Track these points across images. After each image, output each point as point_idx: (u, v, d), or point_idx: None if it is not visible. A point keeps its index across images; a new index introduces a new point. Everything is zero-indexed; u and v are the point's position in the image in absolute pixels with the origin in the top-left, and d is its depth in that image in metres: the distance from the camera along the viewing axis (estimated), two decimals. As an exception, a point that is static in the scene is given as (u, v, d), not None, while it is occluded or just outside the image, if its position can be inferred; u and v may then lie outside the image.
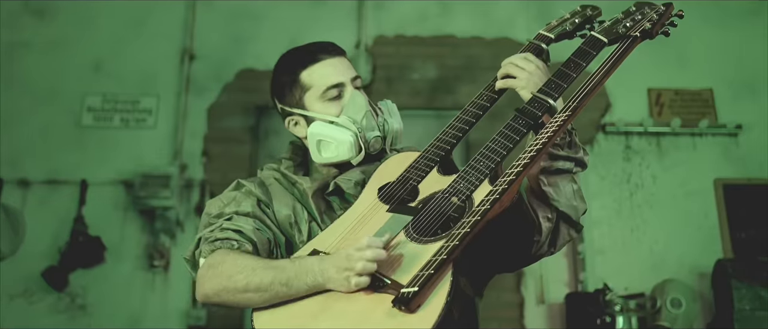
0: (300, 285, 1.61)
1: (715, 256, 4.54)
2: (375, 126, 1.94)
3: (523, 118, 1.75)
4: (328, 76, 1.94)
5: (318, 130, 1.92)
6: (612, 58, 1.77)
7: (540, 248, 1.83)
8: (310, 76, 1.94)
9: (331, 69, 1.94)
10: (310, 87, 1.94)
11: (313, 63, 1.95)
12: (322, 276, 1.59)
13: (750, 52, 5.16)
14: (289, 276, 1.62)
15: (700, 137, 4.99)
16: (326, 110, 1.93)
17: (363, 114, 1.92)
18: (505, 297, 4.61)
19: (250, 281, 1.66)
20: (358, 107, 1.93)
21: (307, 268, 1.62)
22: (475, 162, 1.71)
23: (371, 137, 1.92)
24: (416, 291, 1.46)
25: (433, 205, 1.67)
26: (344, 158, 1.91)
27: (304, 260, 1.66)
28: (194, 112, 5.09)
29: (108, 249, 4.71)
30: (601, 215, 4.83)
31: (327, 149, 1.91)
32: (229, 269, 1.70)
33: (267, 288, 1.64)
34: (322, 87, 1.93)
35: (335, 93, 1.93)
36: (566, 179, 1.82)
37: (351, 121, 1.91)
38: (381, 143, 1.95)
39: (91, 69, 5.17)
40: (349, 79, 1.95)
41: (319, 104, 1.94)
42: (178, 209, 4.79)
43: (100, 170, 4.89)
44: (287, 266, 1.65)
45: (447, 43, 5.26)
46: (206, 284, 1.73)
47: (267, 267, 1.67)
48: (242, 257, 1.73)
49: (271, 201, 1.89)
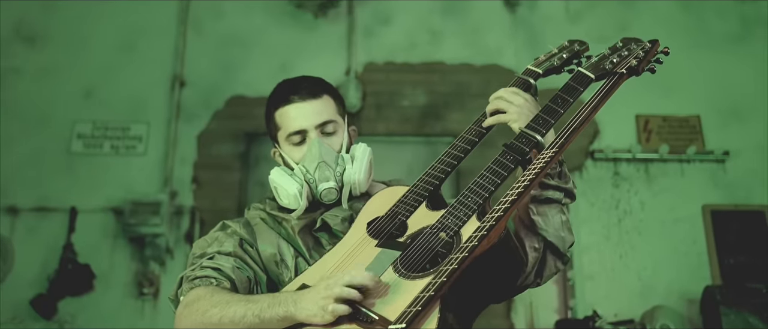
0: (272, 316, 1.61)
1: (704, 282, 4.55)
2: (330, 177, 1.93)
3: (511, 153, 1.77)
4: (292, 120, 1.96)
5: (273, 177, 1.97)
6: (598, 95, 1.79)
7: (526, 278, 1.84)
8: (280, 117, 1.98)
9: (297, 113, 1.96)
10: (280, 128, 1.99)
11: (284, 104, 1.97)
12: (294, 306, 1.59)
13: (737, 79, 5.21)
14: (262, 307, 1.63)
15: (688, 164, 5.03)
16: (291, 153, 1.98)
17: (315, 165, 1.93)
18: (495, 324, 4.61)
19: (224, 315, 1.66)
20: (312, 157, 1.94)
21: (280, 300, 1.62)
22: (464, 198, 1.72)
23: (322, 189, 1.93)
24: (404, 327, 1.46)
25: (421, 240, 1.68)
26: (294, 207, 1.94)
27: (279, 293, 1.67)
28: (184, 139, 5.09)
29: (97, 276, 4.69)
30: (590, 241, 4.84)
31: (283, 195, 1.95)
32: (204, 305, 1.70)
33: (240, 320, 1.64)
34: (287, 131, 1.97)
35: (298, 139, 1.96)
36: (555, 209, 1.84)
37: (303, 171, 1.93)
38: (335, 195, 1.94)
39: (81, 96, 5.18)
40: (313, 125, 1.96)
41: (286, 146, 1.99)
42: (167, 237, 4.78)
43: (90, 197, 4.88)
44: (261, 299, 1.66)
45: (436, 70, 5.29)
46: (183, 321, 1.74)
47: (241, 300, 1.68)
48: (218, 293, 1.74)
49: (256, 241, 1.90)
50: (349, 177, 1.95)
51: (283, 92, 2.00)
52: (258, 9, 5.39)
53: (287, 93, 1.98)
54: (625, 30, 4.76)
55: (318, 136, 1.96)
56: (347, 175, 1.95)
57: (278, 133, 2.00)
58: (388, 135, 5.11)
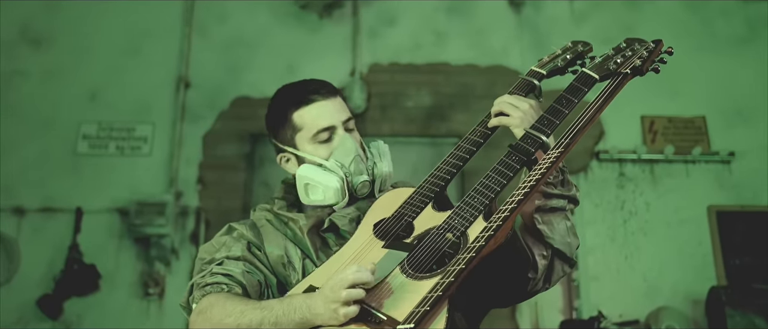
0: (288, 323, 1.62)
1: (709, 283, 4.55)
2: (363, 170, 1.96)
3: (516, 154, 1.77)
4: (319, 118, 1.95)
5: (305, 173, 1.94)
6: (603, 95, 1.79)
7: (536, 284, 1.85)
8: (301, 117, 1.96)
9: (323, 111, 1.96)
10: (301, 128, 1.96)
11: (305, 104, 1.96)
12: (309, 312, 1.60)
13: (742, 80, 5.20)
14: (278, 315, 1.63)
15: (694, 165, 5.02)
16: (316, 151, 1.95)
17: (352, 159, 1.94)
18: (500, 325, 4.61)
19: (240, 323, 1.66)
20: (347, 151, 1.94)
21: (294, 306, 1.63)
22: (470, 198, 1.72)
23: (358, 182, 1.94)
24: (412, 327, 1.47)
25: (428, 241, 1.69)
26: (330, 202, 1.93)
27: (292, 298, 1.67)
28: (189, 139, 5.11)
29: (103, 276, 4.70)
30: (595, 242, 4.84)
31: (314, 192, 1.93)
32: (219, 313, 1.71)
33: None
34: (313, 129, 1.95)
35: (325, 136, 1.95)
36: (560, 217, 1.85)
37: (339, 165, 1.93)
38: (369, 188, 1.96)
39: (86, 97, 5.19)
40: (340, 121, 1.96)
41: (309, 145, 1.96)
42: (173, 237, 4.79)
43: (96, 197, 4.89)
44: (275, 305, 1.66)
45: (441, 71, 5.29)
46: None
47: (256, 308, 1.68)
48: (231, 300, 1.74)
49: (263, 243, 1.91)
50: (380, 171, 1.99)
51: (300, 93, 1.99)
52: (262, 10, 5.40)
53: (306, 94, 1.97)
54: (630, 31, 4.74)
55: (344, 132, 1.97)
56: (379, 169, 1.98)
57: (298, 134, 1.97)
58: (393, 136, 5.11)
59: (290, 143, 1.99)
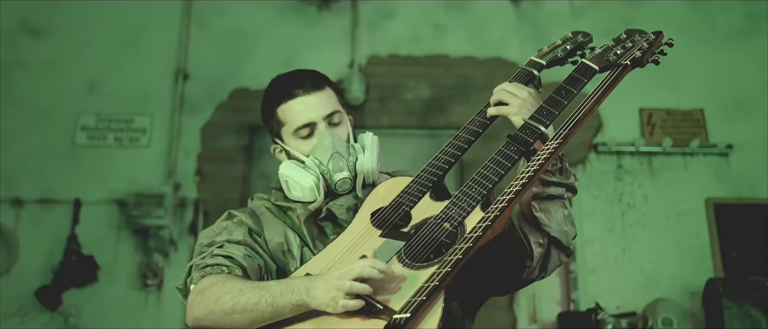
0: (285, 304, 1.62)
1: (707, 275, 4.56)
2: (344, 167, 1.94)
3: (515, 145, 1.77)
4: (299, 114, 1.95)
5: (284, 171, 1.95)
6: (603, 87, 1.79)
7: (531, 272, 1.85)
8: (284, 112, 1.97)
9: (303, 107, 1.96)
10: (284, 123, 1.98)
11: (288, 99, 1.96)
12: (307, 295, 1.60)
13: (741, 73, 5.20)
14: (275, 295, 1.64)
15: (692, 157, 5.03)
16: (299, 147, 1.97)
17: (329, 157, 1.93)
18: (497, 317, 4.62)
19: (237, 302, 1.67)
20: (324, 149, 1.94)
21: (292, 287, 1.63)
22: (467, 189, 1.72)
23: (337, 179, 1.93)
24: (408, 317, 1.47)
25: (425, 231, 1.69)
26: (309, 199, 1.93)
27: (291, 280, 1.68)
28: (188, 131, 5.10)
29: (101, 268, 4.71)
30: (593, 234, 4.85)
31: (294, 189, 1.94)
32: (217, 292, 1.71)
33: (253, 308, 1.65)
34: (294, 126, 1.96)
35: (306, 132, 1.96)
36: (558, 205, 1.85)
37: (317, 163, 1.93)
38: (350, 184, 1.95)
39: (85, 88, 5.19)
40: (321, 117, 1.96)
41: (292, 140, 1.98)
42: (171, 229, 4.79)
43: (94, 189, 4.89)
44: (273, 286, 1.67)
45: (440, 63, 5.29)
46: (195, 309, 1.75)
47: (254, 288, 1.68)
48: (230, 280, 1.74)
49: (263, 230, 1.91)
50: (361, 166, 1.96)
51: (284, 86, 1.99)
52: (262, 2, 5.40)
53: (289, 88, 1.97)
54: (629, 25, 4.75)
55: (326, 127, 1.96)
56: (360, 164, 1.96)
57: (282, 129, 1.99)
58: (392, 128, 5.12)
59: (278, 136, 2.02)
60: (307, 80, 1.98)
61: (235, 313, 1.67)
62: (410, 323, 1.47)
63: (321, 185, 1.91)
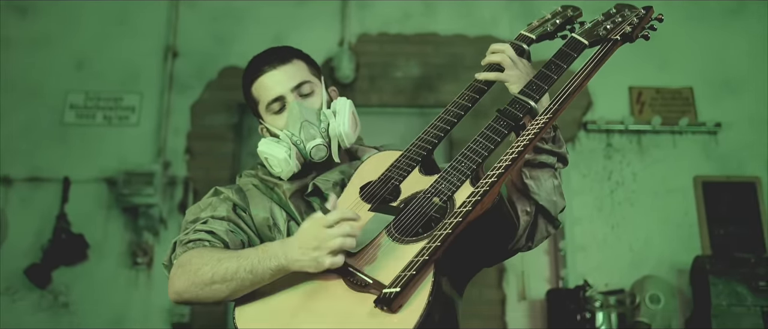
0: (264, 270, 1.63)
1: (694, 253, 4.59)
2: (316, 134, 1.93)
3: (504, 119, 1.78)
4: (268, 90, 1.96)
5: (262, 149, 1.95)
6: (592, 62, 1.79)
7: (517, 242, 1.85)
8: (257, 90, 1.98)
9: (271, 81, 1.96)
10: (258, 101, 1.99)
11: (257, 76, 1.98)
12: (285, 258, 1.61)
13: (730, 52, 5.21)
14: (253, 263, 1.64)
15: (680, 135, 5.04)
16: (274, 122, 1.98)
17: (299, 126, 1.92)
18: (486, 294, 4.65)
19: (216, 272, 1.67)
20: (294, 119, 1.93)
21: (270, 253, 1.64)
22: (457, 163, 1.73)
23: (311, 147, 1.92)
24: (398, 291, 1.47)
25: (414, 205, 1.69)
26: (286, 172, 1.92)
27: (267, 246, 1.68)
28: (177, 109, 5.09)
29: (91, 246, 4.70)
30: (582, 212, 4.87)
31: (274, 164, 1.94)
32: (196, 264, 1.72)
33: (232, 276, 1.65)
34: (265, 102, 1.97)
35: (277, 107, 1.96)
36: (548, 174, 1.86)
37: (288, 135, 1.93)
38: (325, 151, 1.94)
39: (73, 66, 5.16)
40: (288, 89, 1.95)
41: (268, 116, 1.99)
42: (161, 207, 4.78)
43: (83, 167, 4.88)
44: (251, 253, 1.67)
45: (430, 41, 5.28)
46: (176, 282, 1.75)
47: (232, 257, 1.69)
48: (208, 251, 1.75)
49: (248, 206, 1.91)
50: (334, 130, 1.94)
51: (255, 65, 2.00)
52: (251, -21, 5.37)
53: (258, 65, 1.98)
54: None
55: (296, 99, 1.95)
56: (332, 129, 1.94)
57: (258, 107, 2.00)
58: (382, 106, 5.11)
59: (258, 114, 2.03)
60: (275, 56, 1.99)
61: (215, 283, 1.68)
62: (400, 297, 1.48)
63: (293, 155, 1.91)
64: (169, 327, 4.61)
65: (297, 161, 1.92)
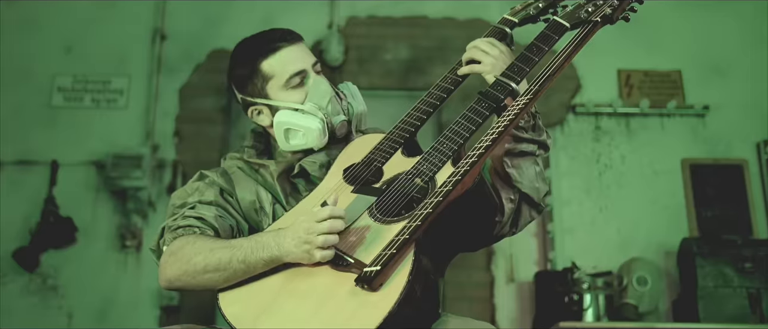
0: (257, 261, 1.65)
1: (682, 235, 4.61)
2: (340, 110, 1.97)
3: (486, 101, 1.79)
4: (289, 64, 1.95)
5: (285, 119, 1.93)
6: (572, 43, 1.81)
7: (502, 228, 1.87)
8: (270, 65, 1.96)
9: (292, 57, 1.96)
10: (271, 76, 1.96)
11: (273, 52, 1.95)
12: (278, 250, 1.63)
13: (719, 35, 5.22)
14: (246, 253, 1.66)
15: (669, 118, 5.06)
16: (290, 97, 1.95)
17: (328, 100, 1.95)
18: (475, 276, 4.67)
19: (209, 261, 1.69)
20: (322, 93, 1.95)
21: (263, 243, 1.66)
22: (439, 144, 1.75)
23: (337, 122, 1.95)
24: (379, 269, 1.49)
25: (396, 186, 1.71)
26: (313, 145, 1.93)
27: (260, 236, 1.70)
28: (166, 92, 5.07)
29: (79, 229, 4.70)
30: (570, 194, 4.88)
31: (295, 136, 1.93)
32: (189, 252, 1.73)
33: (225, 266, 1.67)
34: (285, 75, 1.95)
35: (298, 81, 1.95)
36: (529, 161, 1.87)
37: (317, 107, 1.93)
38: (347, 127, 1.98)
39: (61, 49, 5.13)
40: (309, 65, 1.97)
41: (282, 92, 1.96)
42: (150, 190, 4.78)
43: (71, 150, 4.86)
44: (244, 243, 1.69)
45: (419, 24, 5.27)
46: (167, 269, 1.77)
47: (225, 247, 1.70)
48: (201, 239, 1.76)
49: (235, 189, 1.92)
50: (355, 110, 2.01)
51: (266, 42, 1.98)
52: (240, -39, 5.34)
53: (272, 42, 1.97)
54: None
55: (315, 75, 1.98)
56: (354, 108, 2.01)
57: (269, 83, 1.96)
58: (371, 89, 5.09)
59: (261, 94, 1.98)
60: (288, 34, 2.00)
61: (207, 272, 1.70)
62: (380, 276, 1.50)
63: (327, 128, 1.93)
64: (158, 309, 4.62)
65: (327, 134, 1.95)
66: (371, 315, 1.46)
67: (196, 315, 4.43)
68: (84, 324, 4.56)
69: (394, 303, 1.46)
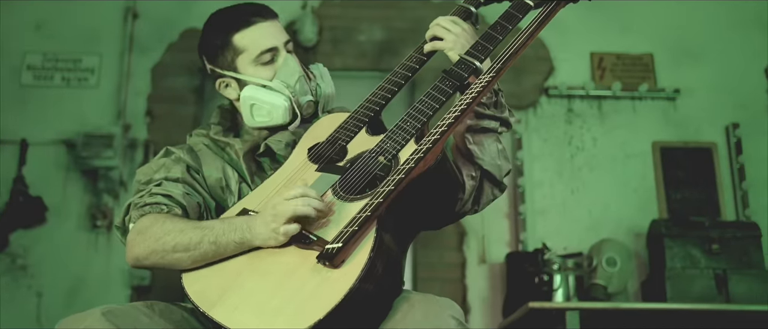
0: (228, 243, 1.65)
1: (652, 216, 4.66)
2: (308, 90, 1.97)
3: (449, 79, 1.80)
4: (262, 39, 1.95)
5: (251, 94, 1.93)
6: (535, 22, 1.82)
7: (464, 205, 1.88)
8: (243, 39, 1.96)
9: (265, 32, 1.96)
10: (243, 50, 1.96)
11: (246, 26, 1.96)
12: (249, 233, 1.63)
13: (690, 19, 5.25)
14: (217, 234, 1.65)
15: (640, 101, 5.09)
16: (259, 73, 1.95)
17: (296, 79, 1.95)
18: (447, 257, 4.69)
19: (179, 241, 1.68)
20: (291, 71, 1.95)
21: (234, 225, 1.65)
22: (402, 123, 1.75)
23: (304, 101, 1.95)
24: (340, 246, 1.50)
25: (360, 164, 1.72)
26: (277, 122, 1.93)
27: (232, 218, 1.69)
28: (138, 71, 5.03)
29: (49, 209, 4.66)
30: (542, 176, 4.91)
31: (259, 113, 1.93)
32: (158, 231, 1.72)
33: (195, 246, 1.66)
34: (256, 51, 1.95)
35: (269, 57, 1.95)
36: (491, 139, 1.88)
37: (284, 85, 1.93)
38: (314, 108, 1.98)
39: (31, 27, 5.07)
40: (281, 43, 1.97)
41: (251, 67, 1.96)
42: (121, 169, 4.75)
43: (41, 129, 4.81)
44: (215, 225, 1.68)
45: (394, 6, 5.26)
46: (136, 248, 1.76)
47: (195, 227, 1.70)
48: (171, 219, 1.75)
49: (201, 166, 1.92)
50: (323, 92, 2.01)
51: (240, 15, 1.98)
52: (213, -60, 5.28)
53: (247, 16, 1.97)
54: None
55: (287, 53, 1.98)
56: (322, 89, 2.00)
57: (239, 57, 1.96)
58: (345, 70, 5.09)
59: (230, 67, 1.98)
60: (263, 10, 2.00)
61: (176, 252, 1.69)
62: (341, 253, 1.51)
63: (293, 106, 1.93)
64: (129, 289, 4.60)
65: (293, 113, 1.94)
66: (332, 291, 1.46)
67: (167, 295, 4.42)
68: (53, 304, 4.53)
69: (356, 279, 1.47)
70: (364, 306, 1.51)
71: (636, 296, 4.58)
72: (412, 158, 1.60)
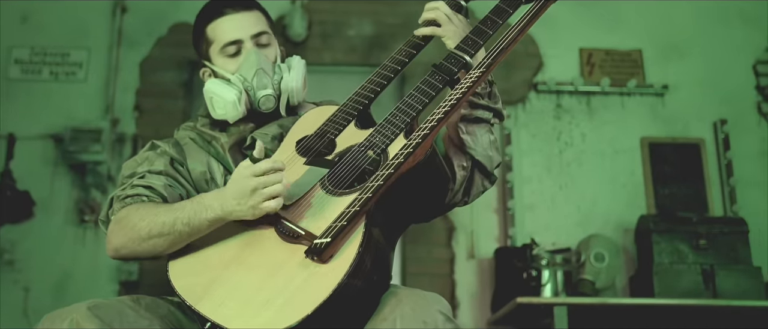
0: (201, 222, 1.64)
1: (640, 212, 4.68)
2: (268, 84, 1.94)
3: (439, 73, 1.80)
4: (227, 32, 1.95)
5: (210, 87, 1.96)
6: (526, 17, 1.81)
7: (454, 196, 1.88)
8: (213, 30, 1.97)
9: (232, 25, 1.96)
10: (212, 41, 1.98)
11: (217, 17, 1.97)
12: (221, 210, 1.62)
13: (679, 15, 5.27)
14: (190, 215, 1.65)
15: (629, 97, 5.10)
16: (225, 65, 1.96)
17: (253, 72, 1.93)
18: (436, 252, 4.69)
19: (153, 226, 1.68)
20: (250, 64, 1.94)
21: (205, 204, 1.65)
22: (392, 117, 1.75)
23: (261, 96, 1.93)
24: (329, 241, 1.50)
25: (349, 158, 1.71)
26: (231, 116, 1.93)
27: (202, 197, 1.69)
28: (126, 66, 5.00)
29: (37, 203, 4.63)
30: (531, 172, 4.92)
31: (218, 106, 1.94)
32: (133, 219, 1.72)
33: (169, 230, 1.66)
34: (221, 43, 1.96)
35: (233, 50, 1.95)
36: (484, 129, 1.88)
37: (241, 79, 1.92)
38: (273, 103, 1.95)
39: (18, 20, 5.04)
40: (248, 36, 1.96)
41: (220, 59, 1.98)
42: (109, 164, 4.73)
43: (29, 124, 4.78)
44: (186, 205, 1.68)
45: (383, 1, 5.25)
46: (113, 238, 1.76)
47: (168, 210, 1.69)
48: (145, 206, 1.75)
49: (186, 160, 1.91)
50: (286, 85, 1.96)
51: (215, 6, 2.00)
52: (202, -66, 5.25)
53: (220, 6, 1.98)
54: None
55: (254, 46, 1.96)
56: (285, 83, 1.96)
57: (210, 48, 1.98)
58: (335, 65, 5.09)
59: (206, 57, 2.01)
60: (239, 1, 1.99)
61: (152, 238, 1.68)
62: (330, 248, 1.51)
63: (243, 100, 1.92)
64: (117, 284, 4.58)
65: (245, 106, 1.92)
66: (321, 287, 1.46)
67: (155, 291, 4.41)
68: (41, 299, 4.51)
69: (344, 274, 1.47)
70: (352, 301, 1.51)
71: (624, 291, 4.60)
72: (401, 153, 1.60)
